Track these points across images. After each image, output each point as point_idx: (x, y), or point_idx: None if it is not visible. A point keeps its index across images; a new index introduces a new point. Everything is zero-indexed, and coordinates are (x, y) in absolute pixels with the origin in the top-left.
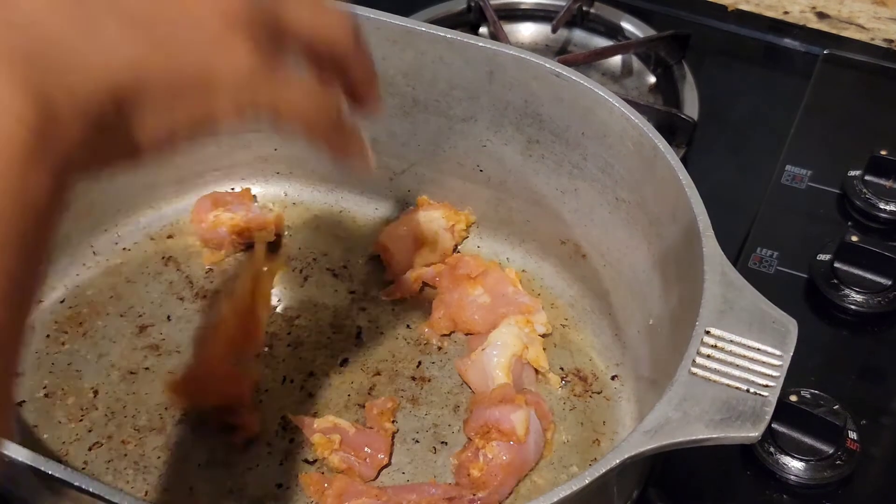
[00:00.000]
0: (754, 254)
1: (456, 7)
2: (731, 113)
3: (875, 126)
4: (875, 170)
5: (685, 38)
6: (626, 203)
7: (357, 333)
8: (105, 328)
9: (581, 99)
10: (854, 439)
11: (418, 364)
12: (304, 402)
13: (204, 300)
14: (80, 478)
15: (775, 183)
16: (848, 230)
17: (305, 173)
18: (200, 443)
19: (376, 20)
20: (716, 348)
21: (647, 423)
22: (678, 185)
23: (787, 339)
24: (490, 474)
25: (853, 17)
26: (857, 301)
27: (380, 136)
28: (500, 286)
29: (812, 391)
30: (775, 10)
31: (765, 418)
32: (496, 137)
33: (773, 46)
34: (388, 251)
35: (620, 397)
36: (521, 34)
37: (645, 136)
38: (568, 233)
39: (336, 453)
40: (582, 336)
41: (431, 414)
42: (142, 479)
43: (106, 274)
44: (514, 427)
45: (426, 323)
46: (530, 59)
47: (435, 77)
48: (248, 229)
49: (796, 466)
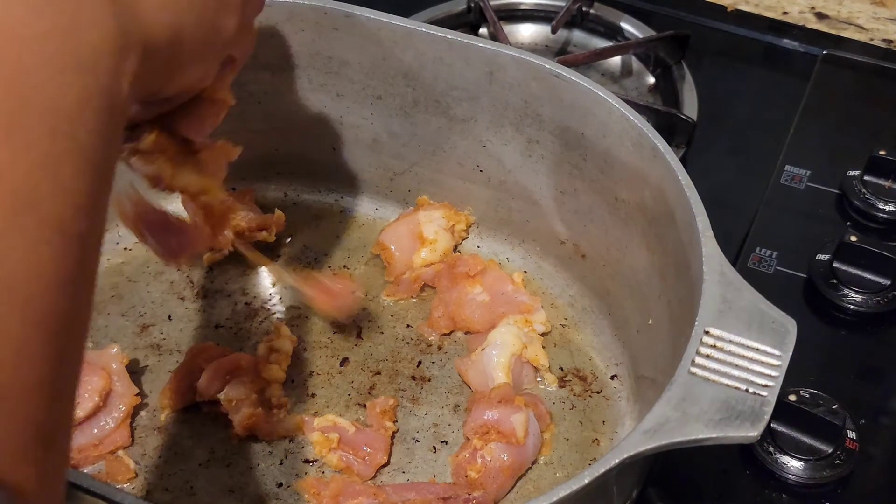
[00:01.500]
0: (753, 254)
1: (456, 8)
2: (731, 113)
3: (874, 126)
4: (874, 170)
5: (684, 39)
6: (626, 203)
7: (357, 333)
8: (107, 328)
9: (581, 99)
10: (853, 439)
11: (418, 364)
12: (304, 402)
13: (205, 300)
14: (80, 477)
15: (774, 183)
16: (847, 230)
17: (305, 173)
18: (200, 443)
19: (376, 20)
20: (715, 348)
21: (646, 422)
22: (677, 186)
23: (787, 339)
24: (488, 476)
25: (852, 17)
26: (856, 301)
27: (380, 136)
28: (499, 285)
29: (811, 391)
30: (774, 10)
31: (764, 418)
32: (496, 137)
33: (773, 47)
34: (388, 251)
35: (620, 397)
36: (521, 35)
37: (644, 137)
38: (568, 233)
39: (335, 452)
40: (581, 336)
41: (431, 413)
42: (142, 479)
43: (107, 273)
44: (514, 429)
45: (426, 322)
46: (530, 59)
47: (435, 77)
48: (248, 229)
49: (795, 466)
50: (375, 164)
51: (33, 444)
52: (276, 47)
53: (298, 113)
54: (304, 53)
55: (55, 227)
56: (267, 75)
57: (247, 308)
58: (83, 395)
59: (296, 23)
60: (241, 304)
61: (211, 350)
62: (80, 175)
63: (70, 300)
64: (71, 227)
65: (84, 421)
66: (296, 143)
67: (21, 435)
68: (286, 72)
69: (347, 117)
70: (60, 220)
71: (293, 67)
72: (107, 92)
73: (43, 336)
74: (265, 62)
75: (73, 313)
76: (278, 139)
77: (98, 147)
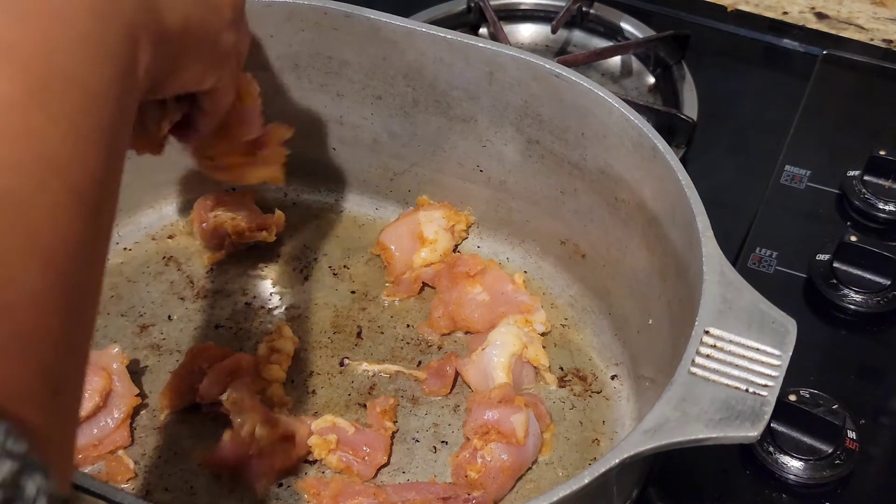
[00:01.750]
0: (753, 254)
1: (456, 7)
2: (731, 113)
3: (874, 126)
4: (874, 170)
5: (685, 39)
6: (626, 203)
7: (357, 333)
8: (106, 328)
9: (581, 99)
10: (853, 439)
11: (418, 364)
12: (304, 402)
13: (205, 300)
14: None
15: (774, 183)
16: (847, 230)
17: (305, 173)
18: (200, 443)
19: (376, 20)
20: (715, 348)
21: (646, 422)
22: (677, 186)
23: (787, 339)
24: (488, 476)
25: (852, 17)
26: (856, 301)
27: (380, 136)
28: (498, 284)
29: (811, 391)
30: (774, 10)
31: (764, 418)
32: (496, 137)
33: (773, 47)
34: (388, 251)
35: (620, 397)
36: (521, 35)
37: (644, 137)
38: (568, 233)
39: (334, 453)
40: (581, 336)
41: (431, 413)
42: (142, 479)
43: (107, 273)
44: (515, 429)
45: (426, 322)
46: (530, 59)
47: (435, 77)
48: (248, 229)
49: (795, 466)
50: (375, 164)
51: (40, 387)
52: (276, 47)
53: (298, 113)
54: (304, 53)
55: (76, 195)
56: (267, 75)
57: (247, 308)
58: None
59: (296, 23)
60: (241, 304)
61: (211, 350)
62: (100, 151)
63: (84, 265)
64: (90, 198)
65: (84, 421)
66: (296, 143)
67: (29, 376)
68: (286, 72)
69: (347, 117)
70: (82, 189)
71: (293, 67)
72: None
73: (58, 291)
74: (265, 62)
75: (86, 278)
76: None
77: (116, 128)
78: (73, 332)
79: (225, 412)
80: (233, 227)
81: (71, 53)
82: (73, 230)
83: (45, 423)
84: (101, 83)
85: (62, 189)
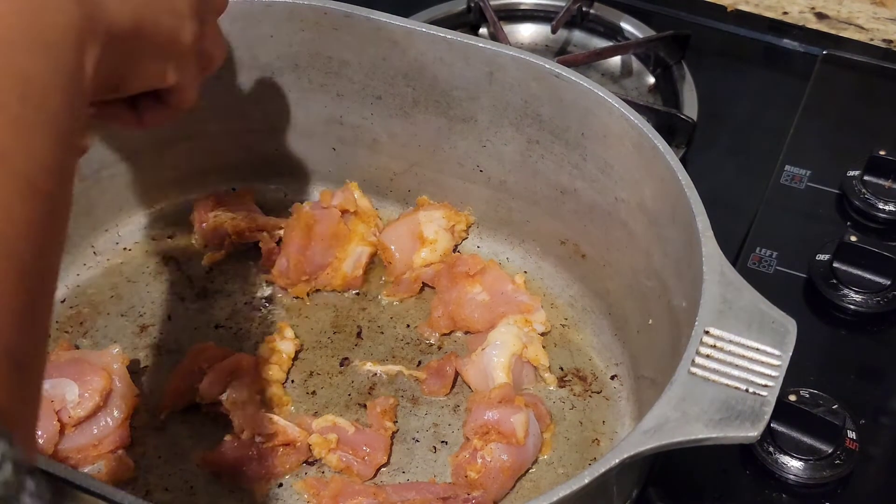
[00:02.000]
0: (753, 254)
1: (456, 7)
2: (731, 113)
3: (874, 126)
4: (874, 170)
5: (685, 39)
6: (626, 203)
7: (357, 333)
8: (106, 328)
9: (581, 99)
10: (853, 439)
11: (418, 364)
12: (304, 402)
13: (204, 300)
14: (80, 477)
15: (774, 183)
16: (847, 230)
17: (305, 173)
18: (200, 443)
19: (376, 21)
20: (715, 348)
21: (646, 422)
22: (677, 186)
23: (787, 339)
24: (488, 476)
25: (852, 17)
26: (856, 301)
27: (380, 136)
28: (498, 284)
29: (811, 391)
30: (774, 10)
31: (764, 418)
32: (496, 137)
33: (773, 47)
34: (388, 251)
35: (620, 397)
36: (521, 35)
37: (644, 137)
38: (568, 233)
39: (334, 453)
40: (581, 336)
41: (431, 413)
42: (142, 479)
43: (107, 274)
44: (515, 429)
45: (426, 322)
46: (530, 59)
47: (435, 77)
48: (248, 229)
49: (795, 466)
50: (375, 164)
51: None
52: (276, 47)
53: (298, 113)
54: (304, 53)
55: (25, 182)
56: (267, 75)
57: (247, 308)
58: (83, 395)
59: (296, 23)
60: (240, 304)
61: (211, 350)
62: (47, 140)
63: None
64: (41, 185)
65: (84, 421)
66: (296, 143)
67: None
68: (286, 72)
69: (347, 117)
70: (30, 176)
71: (293, 67)
72: (73, 70)
73: (14, 273)
74: (265, 62)
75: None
76: (278, 139)
77: (64, 119)
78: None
79: (225, 412)
80: (233, 227)
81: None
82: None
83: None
84: (44, 76)
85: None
